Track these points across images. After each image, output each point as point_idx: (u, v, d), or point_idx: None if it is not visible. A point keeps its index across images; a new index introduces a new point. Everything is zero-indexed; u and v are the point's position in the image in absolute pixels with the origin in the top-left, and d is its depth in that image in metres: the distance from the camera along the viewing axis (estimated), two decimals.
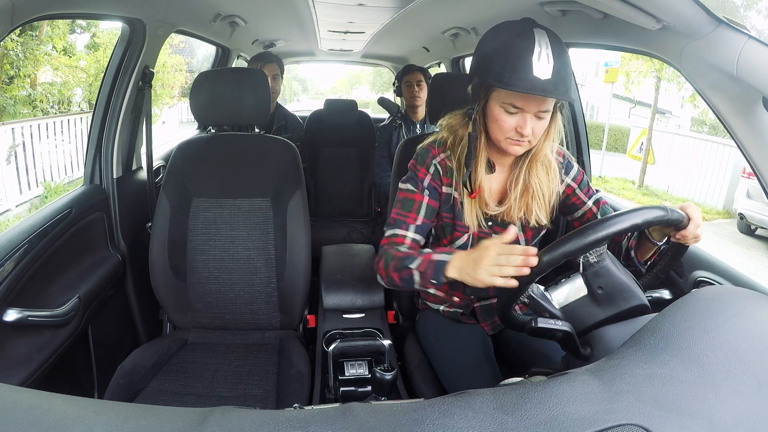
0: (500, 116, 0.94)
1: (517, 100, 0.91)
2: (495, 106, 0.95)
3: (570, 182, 1.09)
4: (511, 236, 0.85)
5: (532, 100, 0.91)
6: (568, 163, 1.10)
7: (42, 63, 6.56)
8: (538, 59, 0.86)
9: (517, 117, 0.93)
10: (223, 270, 1.39)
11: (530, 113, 0.92)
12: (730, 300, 0.61)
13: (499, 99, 0.94)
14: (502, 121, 0.94)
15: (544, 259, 0.75)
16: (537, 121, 0.94)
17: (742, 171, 6.66)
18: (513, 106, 0.92)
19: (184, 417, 0.44)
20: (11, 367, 1.06)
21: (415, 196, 1.07)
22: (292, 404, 0.58)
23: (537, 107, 0.92)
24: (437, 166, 1.07)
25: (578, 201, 1.10)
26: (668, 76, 8.51)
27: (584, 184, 1.11)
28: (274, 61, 2.29)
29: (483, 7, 1.66)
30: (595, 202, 1.10)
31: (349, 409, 0.46)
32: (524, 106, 0.91)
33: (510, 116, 0.93)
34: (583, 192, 1.10)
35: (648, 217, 0.77)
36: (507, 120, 0.94)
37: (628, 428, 0.43)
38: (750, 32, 0.80)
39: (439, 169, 1.07)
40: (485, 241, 0.86)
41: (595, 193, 1.12)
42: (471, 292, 1.14)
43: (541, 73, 0.86)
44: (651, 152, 8.95)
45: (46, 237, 1.16)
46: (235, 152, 1.43)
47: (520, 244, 1.09)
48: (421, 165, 1.08)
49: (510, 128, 0.94)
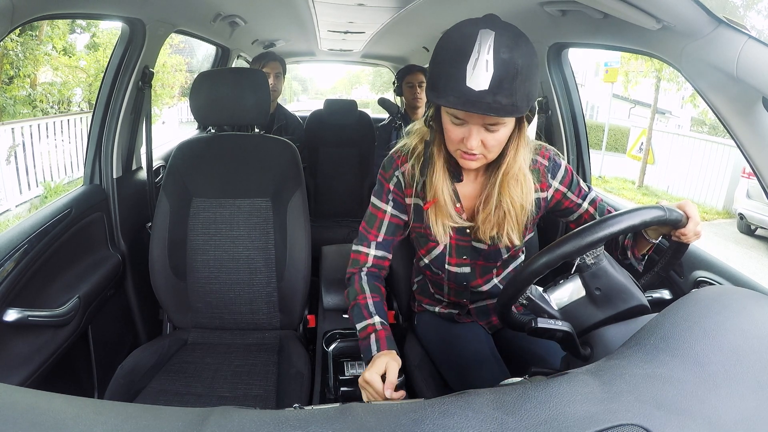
0: (447, 126, 0.86)
1: (458, 112, 0.81)
2: (444, 114, 0.86)
3: (558, 186, 1.00)
4: (394, 395, 0.83)
5: (472, 115, 0.80)
6: (554, 164, 0.99)
7: (42, 63, 6.56)
8: (473, 67, 0.74)
9: (464, 129, 0.84)
10: (223, 270, 1.39)
11: (475, 125, 0.82)
12: (730, 300, 0.61)
13: (446, 108, 0.84)
14: (449, 132, 0.86)
15: (541, 260, 0.75)
16: (488, 133, 0.83)
17: (742, 171, 6.67)
18: (455, 117, 0.83)
19: (184, 417, 0.44)
20: (11, 367, 1.06)
21: (378, 212, 1.04)
22: (292, 404, 0.58)
23: (481, 119, 0.81)
24: (399, 177, 1.01)
25: (571, 204, 1.02)
26: (668, 76, 8.52)
27: (574, 184, 1.01)
28: (277, 60, 2.29)
29: (483, 7, 1.65)
30: (590, 203, 1.02)
31: (349, 409, 0.46)
32: (466, 117, 0.82)
33: (456, 127, 0.84)
34: (574, 194, 1.01)
35: (646, 217, 0.77)
36: (453, 131, 0.85)
37: (628, 428, 0.43)
38: (750, 32, 0.80)
39: (401, 180, 1.01)
40: (379, 367, 0.84)
41: (589, 192, 1.03)
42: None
43: (476, 84, 0.74)
44: (651, 152, 8.96)
45: (46, 237, 1.16)
46: (235, 152, 1.43)
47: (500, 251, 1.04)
48: (384, 173, 1.03)
49: (457, 140, 0.85)
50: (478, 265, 1.08)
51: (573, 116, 1.69)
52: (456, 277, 1.10)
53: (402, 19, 2.11)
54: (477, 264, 1.08)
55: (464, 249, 1.05)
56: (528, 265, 0.74)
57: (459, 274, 1.09)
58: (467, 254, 1.06)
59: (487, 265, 1.09)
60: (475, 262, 1.07)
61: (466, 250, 1.05)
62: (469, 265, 1.08)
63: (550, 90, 1.68)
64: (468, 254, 1.06)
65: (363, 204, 2.84)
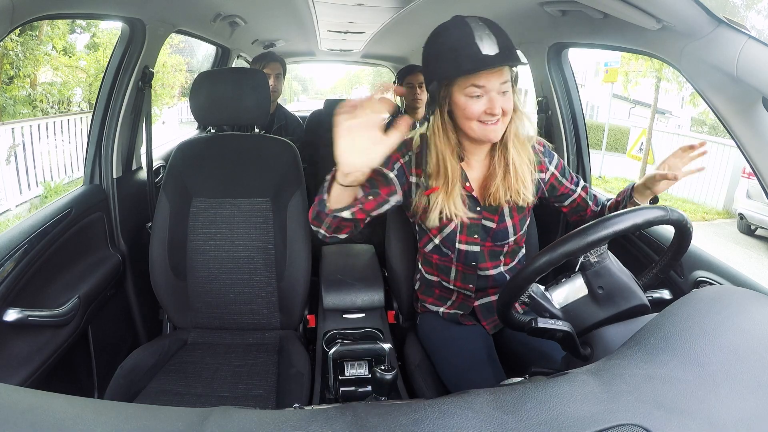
0: (467, 104, 0.96)
1: (478, 80, 0.94)
2: (459, 98, 0.97)
3: (553, 170, 1.14)
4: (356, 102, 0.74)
5: (491, 77, 0.93)
6: (548, 152, 1.14)
7: (42, 63, 6.56)
8: (482, 40, 0.91)
9: (483, 100, 0.95)
10: (223, 270, 1.39)
11: (493, 90, 0.95)
12: (730, 300, 0.61)
13: (460, 89, 0.96)
14: (468, 108, 0.96)
15: (544, 258, 0.75)
16: (502, 97, 0.96)
17: (742, 171, 6.67)
18: (475, 86, 0.94)
19: (184, 417, 0.44)
20: (11, 367, 1.05)
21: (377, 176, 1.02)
22: (292, 404, 0.58)
23: (498, 80, 0.94)
24: (411, 156, 1.08)
25: (566, 190, 1.16)
26: (668, 76, 8.52)
27: (566, 171, 1.16)
28: (278, 61, 2.29)
29: (483, 7, 1.66)
30: (582, 188, 1.18)
31: (349, 409, 0.46)
32: (486, 83, 0.94)
33: (475, 101, 0.95)
34: (567, 180, 1.16)
35: (649, 216, 0.77)
36: (472, 105, 0.96)
37: (628, 428, 0.43)
38: (750, 32, 0.80)
39: (412, 159, 1.08)
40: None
41: (579, 180, 1.18)
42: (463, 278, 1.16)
43: (489, 50, 0.91)
44: (651, 152, 8.96)
45: (46, 237, 1.16)
46: (235, 152, 1.43)
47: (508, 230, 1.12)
48: (397, 151, 1.08)
49: (479, 111, 0.96)
50: (487, 247, 1.13)
51: (573, 116, 1.69)
52: (465, 256, 1.12)
53: (402, 19, 2.11)
54: (486, 245, 1.12)
55: (475, 227, 1.11)
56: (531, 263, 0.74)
57: (469, 252, 1.12)
58: (477, 233, 1.11)
59: (494, 249, 1.13)
60: (484, 243, 1.12)
61: (477, 228, 1.11)
62: (478, 245, 1.12)
63: (550, 90, 1.68)
64: (478, 233, 1.12)
65: None
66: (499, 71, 0.94)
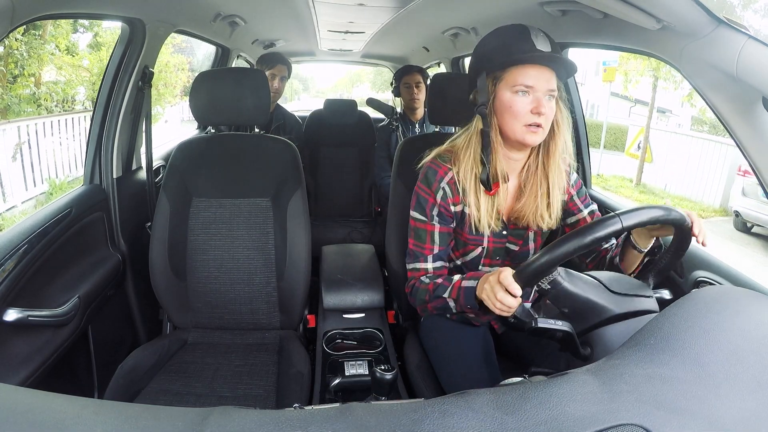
0: (513, 101, 0.95)
1: (528, 78, 0.93)
2: (505, 94, 0.96)
3: (570, 189, 1.12)
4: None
5: (541, 78, 0.93)
6: (570, 171, 1.12)
7: (46, 62, 6.58)
8: (537, 38, 0.93)
9: (531, 98, 0.94)
10: (223, 270, 1.39)
11: (541, 91, 0.94)
12: (730, 300, 0.61)
13: (508, 85, 0.95)
14: (515, 105, 0.95)
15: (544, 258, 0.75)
16: (548, 101, 0.95)
17: (738, 169, 6.69)
18: (524, 85, 0.93)
19: (184, 417, 0.44)
20: (11, 367, 1.05)
21: (425, 225, 1.07)
22: (292, 404, 0.58)
23: (546, 84, 0.94)
24: (446, 188, 1.04)
25: (575, 207, 1.12)
26: (665, 75, 8.52)
27: (582, 192, 1.13)
28: (285, 63, 2.28)
29: (483, 7, 1.66)
30: (590, 213, 1.12)
31: (349, 409, 0.46)
32: (535, 83, 0.93)
33: (522, 98, 0.94)
34: (580, 200, 1.12)
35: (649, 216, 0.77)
36: (519, 102, 0.94)
37: (628, 428, 0.43)
38: (750, 32, 0.80)
39: (448, 192, 1.04)
40: (496, 269, 0.85)
41: (591, 204, 1.14)
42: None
43: (543, 47, 0.92)
44: (649, 150, 8.97)
45: (46, 237, 1.16)
46: (235, 152, 1.43)
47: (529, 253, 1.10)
48: (428, 187, 1.06)
49: (525, 110, 0.94)
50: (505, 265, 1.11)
51: (573, 116, 1.69)
52: None
53: (402, 19, 2.11)
54: (505, 264, 1.12)
55: (499, 251, 1.11)
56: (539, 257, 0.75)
57: None
58: (500, 255, 1.12)
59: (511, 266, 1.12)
60: (503, 263, 1.12)
61: (500, 252, 1.11)
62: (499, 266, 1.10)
63: None
64: (501, 255, 1.12)
65: (363, 204, 2.85)
66: (549, 76, 0.94)
